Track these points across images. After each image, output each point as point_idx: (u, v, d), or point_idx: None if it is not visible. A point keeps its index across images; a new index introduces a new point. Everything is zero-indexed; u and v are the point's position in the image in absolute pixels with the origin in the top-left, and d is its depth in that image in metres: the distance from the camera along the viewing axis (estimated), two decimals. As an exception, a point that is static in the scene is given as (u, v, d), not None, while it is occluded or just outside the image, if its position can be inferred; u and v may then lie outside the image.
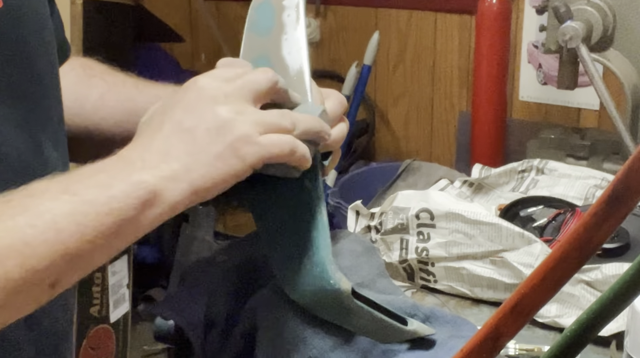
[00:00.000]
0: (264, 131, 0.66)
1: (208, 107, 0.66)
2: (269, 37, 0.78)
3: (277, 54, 0.77)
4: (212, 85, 0.68)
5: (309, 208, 0.71)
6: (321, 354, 0.75)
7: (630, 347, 0.75)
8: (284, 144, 0.67)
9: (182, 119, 0.66)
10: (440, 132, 2.66)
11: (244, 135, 0.65)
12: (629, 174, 0.36)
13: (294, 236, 0.71)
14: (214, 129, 0.65)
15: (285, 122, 0.68)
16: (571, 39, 1.45)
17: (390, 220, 1.10)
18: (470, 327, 0.84)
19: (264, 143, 0.66)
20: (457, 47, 2.55)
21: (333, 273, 0.70)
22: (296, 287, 0.71)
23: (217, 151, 0.65)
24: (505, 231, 1.03)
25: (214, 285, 0.83)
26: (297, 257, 0.70)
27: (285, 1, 0.79)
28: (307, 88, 0.74)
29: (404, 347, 0.78)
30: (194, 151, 0.65)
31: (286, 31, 0.77)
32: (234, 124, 0.65)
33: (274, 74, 0.70)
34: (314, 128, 0.70)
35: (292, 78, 0.75)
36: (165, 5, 3.00)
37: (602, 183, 1.30)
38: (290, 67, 0.76)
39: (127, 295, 2.19)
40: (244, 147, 0.65)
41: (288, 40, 0.77)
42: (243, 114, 0.66)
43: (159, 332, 0.89)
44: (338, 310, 0.72)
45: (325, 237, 0.71)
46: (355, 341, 0.77)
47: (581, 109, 2.38)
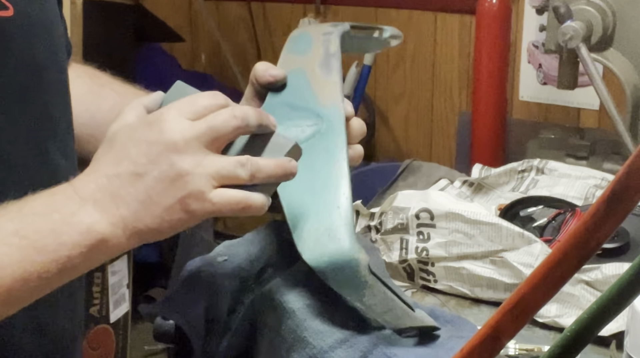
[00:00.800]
0: (220, 183, 0.66)
1: (166, 155, 0.65)
2: (305, 57, 0.86)
3: (312, 69, 0.84)
4: (176, 126, 0.66)
5: (334, 182, 0.74)
6: (321, 354, 0.75)
7: (630, 346, 0.75)
8: (235, 204, 0.66)
9: (138, 161, 0.65)
10: (440, 133, 2.66)
11: (196, 191, 0.65)
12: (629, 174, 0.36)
13: (318, 205, 0.74)
14: (167, 180, 0.65)
15: (243, 173, 0.67)
16: (571, 39, 1.45)
17: (390, 220, 1.10)
18: (470, 326, 0.84)
19: (216, 200, 0.66)
20: (457, 47, 2.55)
21: (353, 244, 0.71)
22: (315, 254, 0.72)
23: (167, 204, 0.65)
24: (505, 231, 1.03)
25: (214, 285, 0.83)
26: (319, 224, 0.72)
27: (323, 35, 0.88)
28: (338, 97, 0.81)
29: (404, 346, 0.78)
30: (144, 198, 0.65)
31: (321, 54, 0.86)
32: (188, 178, 0.65)
33: (245, 114, 0.68)
34: (275, 174, 0.69)
35: (326, 88, 0.82)
36: (165, 5, 3.00)
37: (602, 183, 1.30)
38: (324, 80, 0.83)
39: (127, 295, 2.19)
40: (195, 203, 0.65)
41: (322, 60, 0.85)
42: (199, 166, 0.65)
43: (159, 331, 0.89)
44: (353, 282, 0.72)
45: (348, 209, 0.73)
46: (355, 341, 0.77)
47: (581, 109, 2.38)
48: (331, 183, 0.75)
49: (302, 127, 0.80)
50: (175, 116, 0.67)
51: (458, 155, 2.57)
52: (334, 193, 0.74)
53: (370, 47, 1.09)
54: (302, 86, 0.84)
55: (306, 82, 0.84)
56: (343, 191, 0.74)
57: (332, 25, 0.92)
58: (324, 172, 0.76)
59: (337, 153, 0.77)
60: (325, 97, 0.82)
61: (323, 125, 0.79)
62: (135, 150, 0.66)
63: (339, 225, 0.72)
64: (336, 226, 0.72)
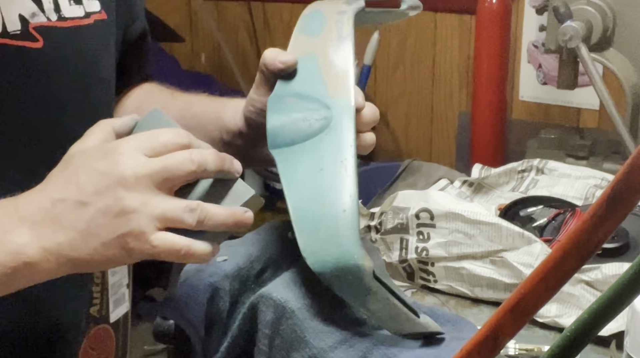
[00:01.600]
0: (164, 225, 0.64)
1: (113, 188, 0.63)
2: (318, 39, 0.83)
3: (323, 54, 0.81)
4: (130, 161, 0.64)
5: (341, 185, 0.73)
6: (321, 354, 0.75)
7: (630, 346, 0.75)
8: (174, 251, 0.65)
9: (85, 190, 0.64)
10: (440, 133, 2.66)
11: (137, 231, 0.63)
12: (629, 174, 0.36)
13: (323, 209, 0.73)
14: (110, 214, 0.63)
15: (190, 219, 0.65)
16: (571, 39, 1.45)
17: (390, 220, 1.10)
18: (471, 326, 0.84)
19: (155, 243, 0.64)
20: (457, 47, 2.55)
21: (358, 249, 0.70)
22: (319, 259, 0.71)
23: (106, 238, 0.63)
24: (505, 231, 1.03)
25: (214, 285, 0.83)
26: (324, 229, 0.71)
27: (336, 13, 0.85)
28: (349, 87, 0.78)
29: (404, 346, 0.78)
30: (83, 228, 0.63)
31: (333, 37, 0.83)
32: (132, 216, 0.63)
33: (203, 159, 0.66)
34: (226, 224, 0.67)
35: (336, 76, 0.79)
36: (165, 5, 3.00)
37: (602, 183, 1.30)
38: (335, 66, 0.80)
39: (127, 295, 2.19)
40: (134, 242, 0.63)
41: (336, 43, 0.82)
42: (146, 206, 0.63)
43: (159, 332, 0.89)
44: (357, 288, 0.72)
45: (353, 213, 0.72)
46: (355, 341, 0.77)
47: (581, 109, 2.37)
48: (337, 184, 0.73)
49: (310, 122, 0.78)
50: (132, 150, 0.65)
51: (458, 155, 2.57)
52: (339, 194, 0.73)
53: (388, 19, 1.06)
54: (312, 75, 0.82)
55: (316, 70, 0.82)
56: (349, 193, 0.73)
57: (346, 3, 0.89)
58: (331, 172, 0.74)
59: (344, 150, 0.75)
60: (336, 87, 0.80)
61: (332, 119, 0.78)
62: (85, 177, 0.64)
63: (344, 229, 0.71)
64: (341, 231, 0.71)
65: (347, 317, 0.79)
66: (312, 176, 0.74)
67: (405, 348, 0.77)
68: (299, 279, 0.81)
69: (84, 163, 0.66)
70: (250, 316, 0.80)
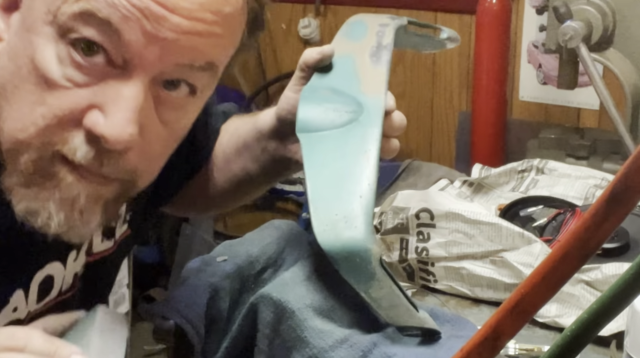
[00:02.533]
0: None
1: None
2: (359, 44, 0.88)
3: (362, 56, 0.86)
4: None
5: (360, 171, 0.75)
6: (321, 353, 0.75)
7: (630, 346, 0.75)
8: None
9: None
10: (440, 132, 2.66)
11: None
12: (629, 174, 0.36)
13: (340, 192, 0.74)
14: None
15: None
16: (571, 39, 1.45)
17: (390, 220, 1.10)
18: (470, 326, 0.84)
19: None
20: (457, 47, 2.54)
21: (369, 235, 0.71)
22: (330, 239, 0.72)
23: None
24: (505, 231, 1.03)
25: (214, 284, 0.83)
26: (338, 211, 0.72)
27: (379, 23, 0.91)
28: (382, 88, 0.82)
29: (403, 345, 0.78)
30: None
31: (373, 44, 0.87)
32: None
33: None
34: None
35: (371, 77, 0.83)
36: (165, 5, 2.99)
37: (602, 182, 1.30)
38: (371, 68, 0.84)
39: (127, 295, 2.19)
40: None
41: (375, 49, 0.87)
42: None
43: (159, 332, 0.89)
44: (363, 272, 0.72)
45: (369, 203, 0.73)
46: (355, 340, 0.77)
47: (581, 109, 2.37)
48: (357, 172, 0.75)
49: (340, 113, 0.80)
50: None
51: (458, 155, 2.57)
52: (358, 181, 0.75)
53: (426, 46, 1.10)
54: (348, 72, 0.85)
55: (353, 69, 0.85)
56: (368, 182, 0.75)
57: (390, 18, 0.94)
58: (353, 160, 0.77)
59: (369, 142, 0.78)
60: (369, 86, 0.82)
61: (362, 114, 0.80)
62: None
63: (358, 213, 0.72)
64: (355, 214, 0.72)
65: (346, 317, 0.79)
66: (334, 161, 0.76)
67: (404, 347, 0.77)
68: (299, 279, 0.81)
69: None
70: (250, 316, 0.80)
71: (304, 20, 2.72)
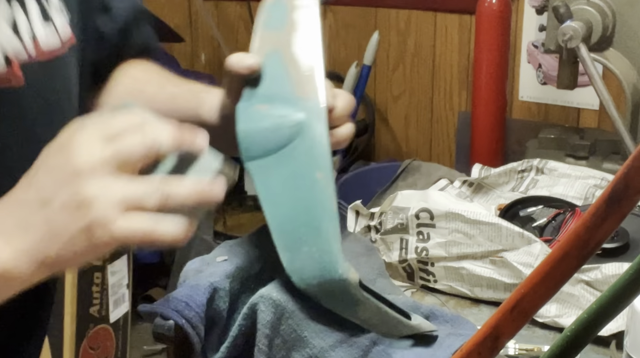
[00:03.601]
0: (127, 209, 0.62)
1: (71, 180, 0.62)
2: (282, 33, 0.78)
3: (289, 50, 0.76)
4: (84, 150, 0.63)
5: (319, 199, 0.71)
6: (321, 353, 0.75)
7: (630, 346, 0.76)
8: (141, 233, 0.62)
9: (45, 187, 0.63)
10: (440, 132, 2.66)
11: (101, 218, 0.61)
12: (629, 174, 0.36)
13: (304, 226, 0.71)
14: (72, 207, 0.61)
15: (152, 199, 0.62)
16: (571, 39, 1.45)
17: (390, 220, 1.10)
18: (470, 325, 0.84)
19: (119, 229, 0.61)
20: (457, 47, 2.55)
21: (341, 263, 0.70)
22: (304, 276, 0.71)
23: (72, 233, 0.62)
24: (505, 231, 1.03)
25: (213, 284, 0.83)
26: (306, 246, 0.71)
27: (298, 1, 0.79)
28: (318, 83, 0.74)
29: (403, 344, 0.78)
30: (49, 227, 0.62)
31: (299, 29, 0.77)
32: (93, 204, 0.61)
33: (156, 139, 0.64)
34: (190, 200, 0.64)
35: (304, 74, 0.75)
36: (165, 6, 3.00)
37: (602, 182, 1.30)
38: (301, 64, 0.75)
39: (126, 295, 2.19)
40: (98, 231, 0.61)
41: (301, 37, 0.77)
42: (106, 191, 0.62)
43: (158, 332, 0.89)
44: (345, 300, 0.72)
45: (334, 227, 0.71)
46: (355, 340, 0.77)
47: (581, 109, 2.38)
48: (314, 198, 0.71)
49: (282, 130, 0.73)
50: (87, 139, 0.64)
51: (458, 155, 2.57)
52: (318, 208, 0.71)
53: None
54: (279, 75, 0.76)
55: (283, 70, 0.76)
56: (327, 205, 0.71)
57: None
58: (307, 184, 0.72)
59: (319, 160, 0.72)
60: (304, 88, 0.75)
61: (304, 124, 0.74)
62: (44, 176, 0.63)
63: (326, 244, 0.70)
64: (323, 247, 0.70)
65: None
66: (288, 190, 0.72)
67: (404, 347, 0.78)
68: (298, 279, 0.81)
69: (44, 160, 0.65)
70: (250, 316, 0.80)
71: (304, 20, 2.72)
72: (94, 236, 0.61)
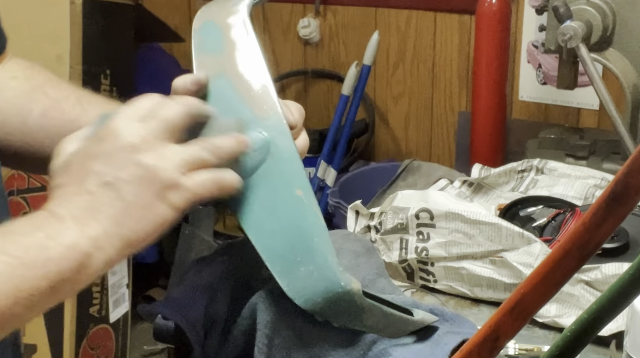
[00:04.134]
0: (188, 170, 0.65)
1: (128, 157, 0.64)
2: (222, 55, 0.75)
3: (234, 71, 0.74)
4: (128, 130, 0.65)
5: (305, 216, 0.70)
6: (321, 353, 0.75)
7: (630, 346, 0.76)
8: (210, 184, 0.66)
9: (103, 173, 0.64)
10: (440, 132, 2.66)
11: (169, 181, 0.64)
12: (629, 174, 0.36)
13: (296, 247, 0.70)
14: (138, 180, 0.64)
15: (207, 155, 0.66)
16: (571, 38, 1.45)
17: (390, 220, 1.10)
18: (470, 325, 0.84)
19: (191, 187, 0.65)
20: (457, 47, 2.55)
21: (342, 275, 0.69)
22: (307, 296, 0.70)
23: (145, 202, 0.64)
24: (504, 231, 1.03)
25: (214, 285, 0.83)
26: (303, 266, 0.70)
27: (229, 19, 0.76)
28: (274, 100, 0.72)
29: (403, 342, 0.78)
30: (121, 205, 0.63)
31: (238, 47, 0.75)
32: (157, 171, 0.64)
33: (185, 102, 0.68)
34: (233, 148, 0.68)
35: (257, 92, 0.73)
36: (165, 6, 3.00)
37: (602, 182, 1.30)
38: (252, 82, 0.73)
39: (126, 294, 2.19)
40: (171, 194, 0.64)
41: (243, 56, 0.75)
42: (164, 158, 0.65)
43: (159, 331, 0.89)
44: (351, 311, 0.72)
45: (326, 240, 0.70)
46: (355, 339, 0.77)
47: (581, 109, 2.38)
48: (299, 216, 0.70)
49: (249, 155, 0.71)
50: (124, 122, 0.66)
51: (458, 155, 2.57)
52: (305, 225, 0.70)
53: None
54: (232, 99, 0.73)
55: (235, 93, 0.73)
56: (314, 221, 0.70)
57: (234, 3, 0.78)
58: (289, 205, 0.70)
59: (294, 178, 0.71)
60: (260, 106, 0.72)
61: (269, 144, 0.71)
62: (97, 164, 0.64)
63: (322, 260, 0.69)
64: (320, 262, 0.69)
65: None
66: (271, 213, 0.71)
67: (403, 345, 0.78)
68: (298, 279, 0.81)
69: (86, 156, 0.66)
70: (250, 316, 0.80)
71: (304, 20, 2.72)
72: (168, 200, 0.64)
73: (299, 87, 2.83)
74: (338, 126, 2.54)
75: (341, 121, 2.55)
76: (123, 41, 2.24)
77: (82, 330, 2.03)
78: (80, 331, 2.02)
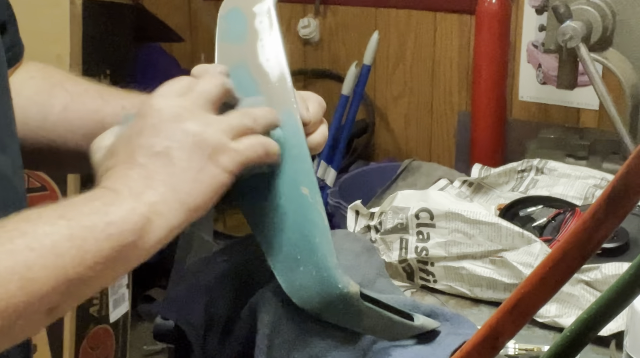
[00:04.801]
0: (234, 136, 0.67)
1: (174, 126, 0.66)
2: (244, 45, 0.76)
3: (255, 62, 0.74)
4: (169, 103, 0.67)
5: (308, 216, 0.70)
6: (321, 353, 0.75)
7: (630, 346, 0.76)
8: (258, 147, 0.68)
9: (152, 144, 0.65)
10: (440, 132, 2.67)
11: (218, 145, 0.66)
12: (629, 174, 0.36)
13: (297, 245, 0.70)
14: (187, 145, 0.65)
15: (249, 122, 0.68)
16: (571, 38, 1.45)
17: (390, 220, 1.10)
18: (470, 325, 0.84)
19: (240, 149, 0.67)
20: (457, 47, 2.55)
21: (340, 277, 0.69)
22: (304, 296, 0.71)
23: (198, 166, 0.65)
24: (504, 231, 1.03)
25: (214, 285, 0.83)
26: (302, 265, 0.70)
27: (255, 7, 0.76)
28: (290, 94, 0.72)
29: (404, 343, 0.78)
30: (175, 171, 0.64)
31: (261, 38, 0.75)
32: (205, 136, 0.66)
33: (219, 77, 0.70)
34: (272, 119, 0.70)
35: (274, 85, 0.73)
36: (165, 5, 3.00)
37: (602, 182, 1.30)
38: (270, 74, 0.73)
39: (126, 294, 2.19)
40: (222, 156, 0.66)
41: (264, 47, 0.74)
42: (210, 125, 0.66)
43: (158, 331, 0.89)
44: (348, 313, 0.72)
45: (327, 241, 0.70)
46: (355, 339, 0.77)
47: (581, 109, 2.38)
48: (302, 215, 0.70)
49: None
50: (164, 97, 0.68)
51: (457, 155, 2.57)
52: (308, 225, 0.70)
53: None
54: (249, 91, 0.73)
55: (252, 83, 0.74)
56: (318, 221, 0.70)
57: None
58: (294, 203, 0.70)
59: (301, 175, 0.70)
60: (276, 100, 0.72)
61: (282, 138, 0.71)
62: (143, 138, 0.66)
63: (322, 261, 0.69)
64: (319, 263, 0.69)
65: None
66: (275, 211, 0.71)
67: (403, 346, 0.78)
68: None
69: (131, 136, 0.67)
70: (250, 316, 0.80)
71: (304, 20, 2.72)
72: (220, 163, 0.65)
73: (299, 87, 2.83)
74: (338, 126, 2.54)
75: (341, 121, 2.55)
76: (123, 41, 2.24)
77: (82, 330, 2.03)
78: (80, 331, 2.02)
